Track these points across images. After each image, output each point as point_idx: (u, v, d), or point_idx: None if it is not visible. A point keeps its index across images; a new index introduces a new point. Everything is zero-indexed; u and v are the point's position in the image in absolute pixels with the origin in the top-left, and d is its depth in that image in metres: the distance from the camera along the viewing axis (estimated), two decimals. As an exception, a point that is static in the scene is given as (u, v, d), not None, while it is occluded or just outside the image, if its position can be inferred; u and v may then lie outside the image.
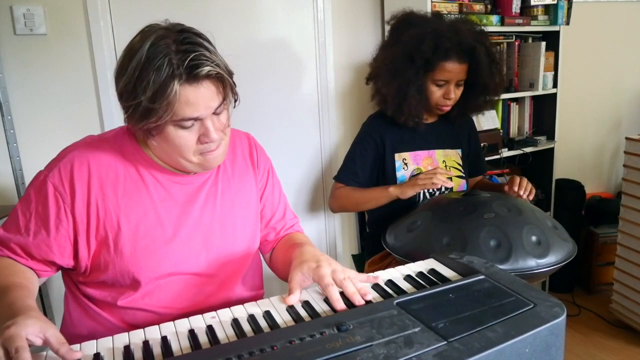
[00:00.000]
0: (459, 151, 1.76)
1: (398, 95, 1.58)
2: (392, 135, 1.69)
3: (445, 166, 1.72)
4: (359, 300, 0.84)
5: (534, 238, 1.25)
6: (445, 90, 1.59)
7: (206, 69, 0.86)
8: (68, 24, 1.73)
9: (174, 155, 0.96)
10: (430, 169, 1.63)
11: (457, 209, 1.37)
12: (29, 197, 0.95)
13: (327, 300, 0.87)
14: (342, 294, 0.86)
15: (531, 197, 1.50)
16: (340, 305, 0.83)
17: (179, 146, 0.93)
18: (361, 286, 0.88)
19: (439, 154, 1.72)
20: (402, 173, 1.68)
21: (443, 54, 1.52)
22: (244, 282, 1.11)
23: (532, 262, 1.21)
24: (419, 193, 1.64)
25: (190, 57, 0.85)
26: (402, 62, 1.55)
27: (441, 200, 1.53)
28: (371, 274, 0.97)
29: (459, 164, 1.75)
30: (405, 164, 1.68)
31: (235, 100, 0.97)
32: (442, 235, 1.29)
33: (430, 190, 1.68)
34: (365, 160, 1.70)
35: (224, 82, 0.91)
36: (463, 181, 1.74)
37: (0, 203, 1.73)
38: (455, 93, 1.61)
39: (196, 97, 0.88)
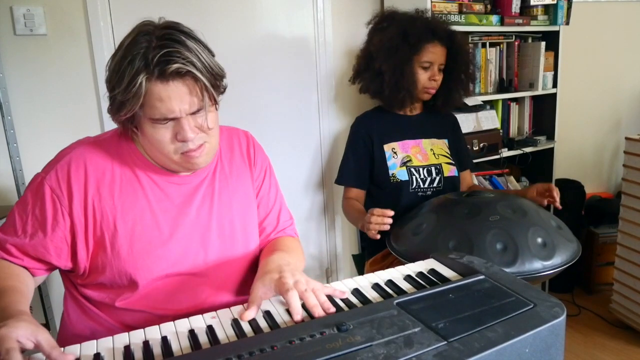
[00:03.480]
0: (445, 141, 1.83)
1: (395, 72, 1.68)
2: (378, 129, 1.77)
3: (434, 154, 1.77)
4: (319, 313, 0.80)
5: (539, 240, 1.25)
6: (430, 73, 1.71)
7: (175, 66, 0.84)
8: (68, 24, 1.73)
9: (155, 152, 0.97)
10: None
11: (462, 211, 1.36)
12: (26, 199, 0.95)
13: (289, 311, 0.83)
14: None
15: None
16: (298, 315, 0.80)
17: (156, 142, 0.93)
18: (324, 300, 0.83)
19: (426, 143, 1.79)
20: (392, 162, 1.74)
21: (430, 34, 1.67)
22: (243, 282, 1.10)
23: (538, 265, 1.21)
24: (411, 180, 1.71)
25: (162, 52, 0.84)
26: (397, 40, 1.68)
27: (445, 202, 1.53)
28: (340, 285, 0.93)
29: (447, 152, 1.80)
30: (395, 152, 1.75)
31: (216, 103, 0.95)
32: (448, 238, 1.29)
33: (427, 193, 1.72)
34: (358, 159, 1.78)
35: (199, 83, 0.88)
36: (453, 167, 1.79)
37: (0, 203, 1.73)
38: (439, 78, 1.73)
39: (168, 95, 0.87)
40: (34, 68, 1.71)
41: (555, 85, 2.45)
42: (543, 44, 2.34)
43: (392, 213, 1.40)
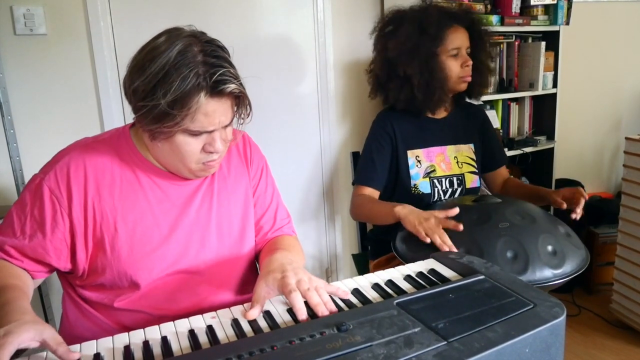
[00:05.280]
0: (472, 146, 1.73)
1: (424, 73, 1.57)
2: (403, 131, 1.66)
3: (457, 162, 1.69)
4: (322, 312, 0.80)
5: (549, 248, 1.24)
6: (462, 60, 1.60)
7: (232, 86, 0.88)
8: (68, 24, 1.73)
9: (175, 161, 0.97)
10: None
11: (471, 218, 1.34)
12: (24, 201, 0.94)
13: (290, 311, 0.84)
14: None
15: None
16: (302, 315, 0.80)
17: (184, 153, 0.94)
18: (327, 299, 0.84)
19: (450, 150, 1.69)
20: (415, 171, 1.64)
21: (448, 19, 1.58)
22: (241, 282, 1.10)
23: (548, 273, 1.20)
24: (433, 193, 1.64)
25: (219, 72, 0.87)
26: (415, 37, 1.57)
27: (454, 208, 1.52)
28: (340, 285, 0.93)
29: (471, 159, 1.72)
30: (419, 161, 1.65)
31: (248, 116, 0.99)
32: (458, 246, 1.26)
33: (443, 193, 1.67)
34: (383, 159, 1.65)
35: (240, 100, 0.93)
36: (476, 177, 1.71)
37: (0, 203, 1.73)
38: (470, 62, 1.62)
39: (214, 110, 0.89)
40: (34, 68, 1.71)
41: (555, 85, 2.45)
42: (543, 44, 2.34)
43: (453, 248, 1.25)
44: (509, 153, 2.38)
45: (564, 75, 2.46)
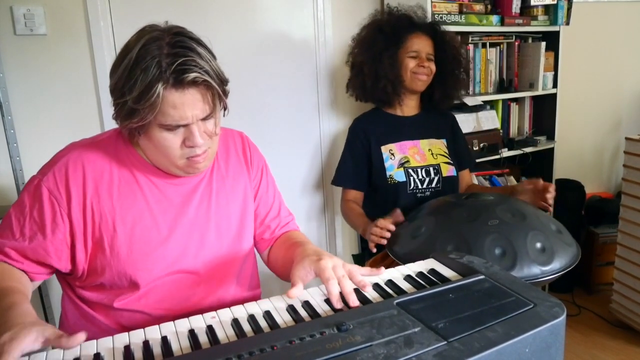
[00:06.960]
0: (444, 141, 1.81)
1: (374, 61, 1.71)
2: (375, 131, 1.77)
3: (432, 154, 1.76)
4: (353, 302, 0.83)
5: (538, 245, 1.24)
6: (418, 61, 1.71)
7: (192, 75, 0.86)
8: (68, 24, 1.73)
9: (161, 158, 0.97)
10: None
11: (461, 215, 1.35)
12: (23, 202, 0.94)
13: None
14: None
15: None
16: (338, 303, 0.83)
17: (164, 148, 0.93)
18: (360, 279, 0.87)
19: (424, 144, 1.78)
20: (390, 163, 1.73)
21: (409, 26, 1.72)
22: (240, 282, 1.11)
23: (536, 270, 1.20)
24: (409, 182, 1.71)
25: (179, 61, 0.85)
26: (372, 33, 1.74)
27: (444, 205, 1.52)
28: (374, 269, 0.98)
29: (445, 152, 1.79)
30: (392, 154, 1.74)
31: (225, 109, 0.98)
32: (447, 242, 1.27)
33: (425, 194, 1.71)
34: (357, 160, 1.77)
35: (212, 90, 0.90)
36: (452, 167, 1.78)
37: (0, 203, 1.73)
38: (429, 65, 1.73)
39: (182, 103, 0.87)
40: (34, 68, 1.71)
41: (555, 85, 2.45)
42: (543, 44, 2.34)
43: (393, 228, 1.42)
44: (509, 153, 2.38)
45: (564, 75, 2.46)
